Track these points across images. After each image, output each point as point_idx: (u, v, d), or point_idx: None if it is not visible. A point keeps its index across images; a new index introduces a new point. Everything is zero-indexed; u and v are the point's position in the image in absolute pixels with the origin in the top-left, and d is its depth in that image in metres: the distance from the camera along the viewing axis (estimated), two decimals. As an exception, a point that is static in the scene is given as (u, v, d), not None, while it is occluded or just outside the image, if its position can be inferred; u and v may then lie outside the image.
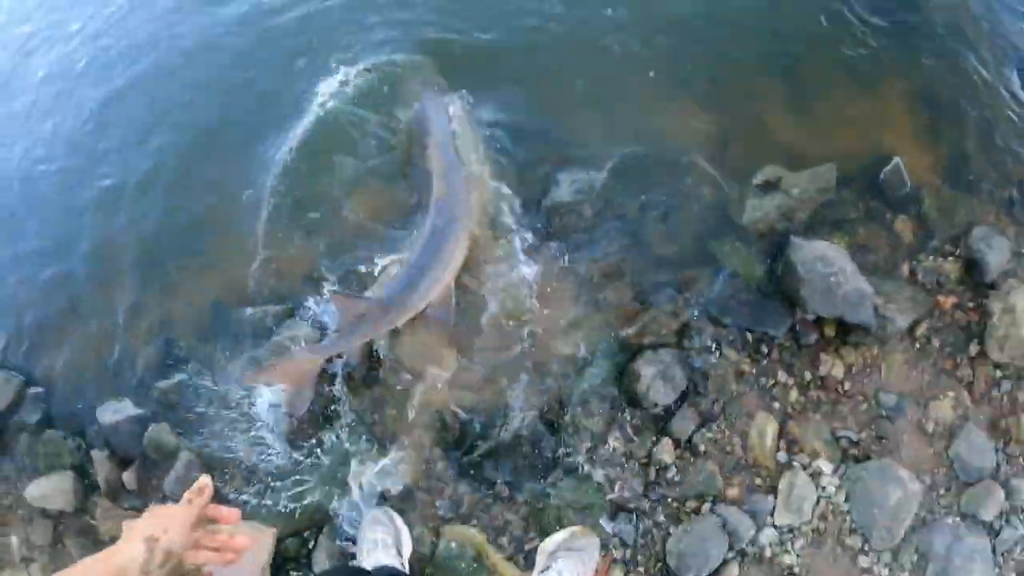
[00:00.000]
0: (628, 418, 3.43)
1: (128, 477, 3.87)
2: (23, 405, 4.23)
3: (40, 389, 4.23)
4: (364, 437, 3.48)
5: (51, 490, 3.91)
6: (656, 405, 3.40)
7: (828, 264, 3.48)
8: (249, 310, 3.95)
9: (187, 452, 3.67)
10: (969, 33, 4.41)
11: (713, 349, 3.56)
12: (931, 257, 3.78)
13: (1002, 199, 3.94)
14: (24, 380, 4.28)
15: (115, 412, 3.91)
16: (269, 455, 3.61)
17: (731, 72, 4.35)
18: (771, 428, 3.39)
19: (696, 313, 3.62)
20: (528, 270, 3.76)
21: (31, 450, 4.11)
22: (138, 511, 3.82)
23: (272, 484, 3.53)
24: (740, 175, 3.96)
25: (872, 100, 4.16)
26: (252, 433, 3.65)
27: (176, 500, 3.93)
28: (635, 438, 3.39)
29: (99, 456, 3.91)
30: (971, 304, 3.68)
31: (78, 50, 5.66)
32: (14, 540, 4.10)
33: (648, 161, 4.05)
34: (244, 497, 3.52)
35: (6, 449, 4.22)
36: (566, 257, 3.82)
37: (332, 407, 3.65)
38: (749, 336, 3.58)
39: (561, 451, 3.38)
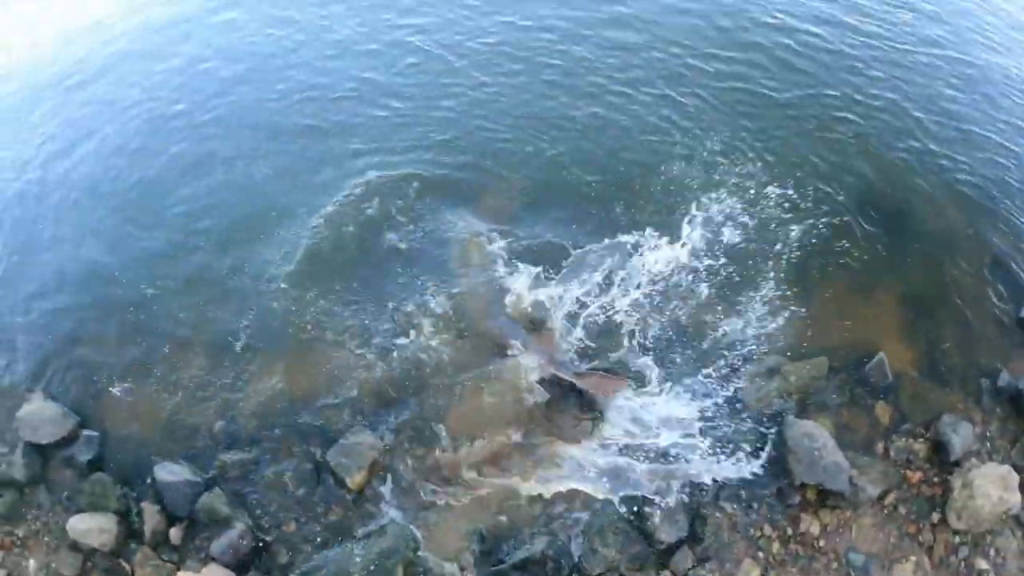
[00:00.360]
0: (638, 550, 3.96)
1: (174, 533, 4.24)
2: (75, 443, 4.55)
3: (95, 433, 4.57)
4: (408, 533, 3.95)
5: (95, 527, 4.20)
6: (662, 542, 3.97)
7: (813, 440, 4.13)
8: (320, 408, 4.39)
9: (241, 523, 4.06)
10: (955, 243, 5.18)
11: (712, 502, 4.14)
12: (904, 438, 4.41)
13: (971, 391, 4.59)
14: (80, 421, 4.62)
15: (172, 473, 4.28)
16: (316, 538, 4.03)
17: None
18: (755, 573, 3.95)
19: (702, 471, 4.22)
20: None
21: (76, 487, 4.42)
22: (176, 565, 4.16)
23: (317, 564, 3.93)
24: (747, 360, 4.64)
25: (865, 301, 4.87)
26: (303, 518, 4.09)
27: (223, 564, 4.26)
28: (641, 568, 3.92)
29: (150, 508, 4.26)
30: (936, 479, 4.28)
31: (167, 118, 6.31)
32: (32, 564, 4.37)
33: (667, 339, 4.73)
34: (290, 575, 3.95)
35: (47, 479, 4.53)
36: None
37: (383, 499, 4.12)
38: (743, 493, 4.17)
39: (577, 571, 3.88)
